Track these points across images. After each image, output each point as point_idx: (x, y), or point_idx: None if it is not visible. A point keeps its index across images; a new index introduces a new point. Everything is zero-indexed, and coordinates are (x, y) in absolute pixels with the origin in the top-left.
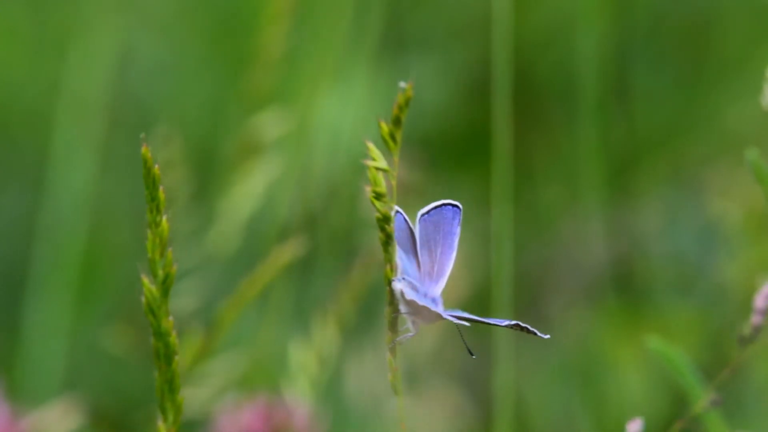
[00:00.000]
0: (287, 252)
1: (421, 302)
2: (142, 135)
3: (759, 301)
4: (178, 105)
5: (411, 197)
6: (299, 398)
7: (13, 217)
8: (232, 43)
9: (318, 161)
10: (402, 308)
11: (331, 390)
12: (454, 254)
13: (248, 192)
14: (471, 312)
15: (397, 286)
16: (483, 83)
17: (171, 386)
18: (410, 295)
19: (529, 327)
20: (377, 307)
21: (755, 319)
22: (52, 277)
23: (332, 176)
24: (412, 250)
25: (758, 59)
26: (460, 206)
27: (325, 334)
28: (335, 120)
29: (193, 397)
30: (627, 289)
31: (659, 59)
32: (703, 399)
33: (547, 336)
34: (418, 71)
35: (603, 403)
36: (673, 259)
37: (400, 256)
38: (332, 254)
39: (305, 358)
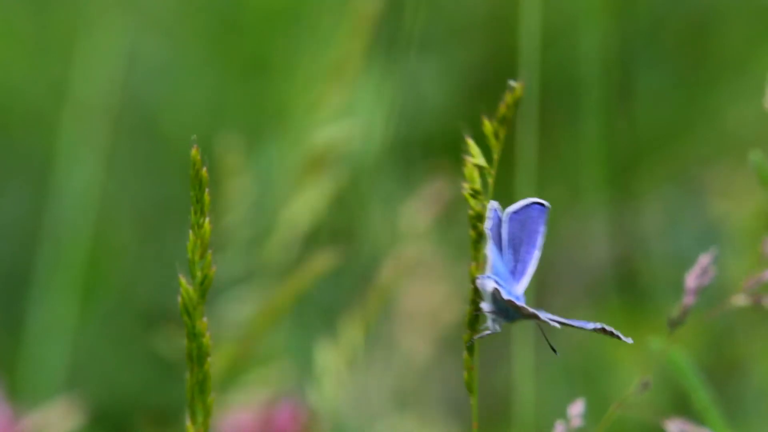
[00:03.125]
0: (320, 262)
1: (520, 302)
2: (194, 137)
3: (689, 281)
4: (179, 106)
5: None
6: (309, 401)
7: (17, 218)
8: (233, 43)
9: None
10: (485, 306)
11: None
12: (538, 253)
13: (304, 204)
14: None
15: (490, 284)
16: (485, 83)
17: (202, 387)
18: (504, 294)
19: (613, 330)
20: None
21: (686, 299)
22: (56, 277)
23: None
24: (500, 247)
25: (758, 59)
26: (547, 204)
27: (351, 338)
28: (341, 121)
29: (230, 403)
30: (628, 289)
31: (660, 60)
32: (634, 385)
33: (630, 340)
34: (419, 71)
35: (604, 403)
36: (675, 260)
37: (493, 253)
38: (355, 260)
39: (331, 361)
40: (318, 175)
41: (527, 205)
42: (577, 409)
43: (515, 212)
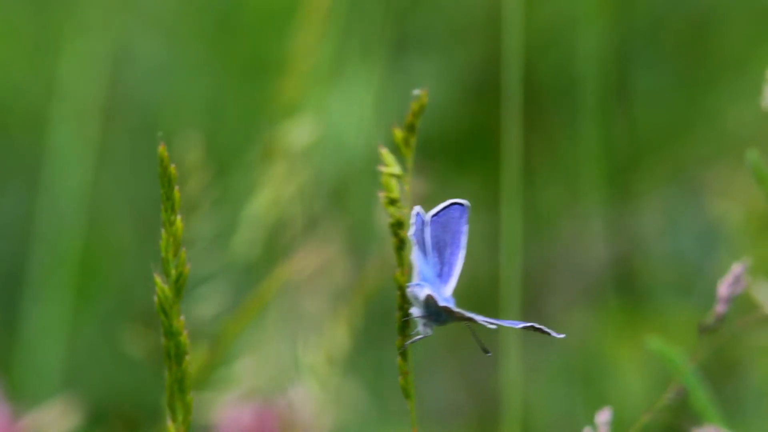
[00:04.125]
0: (298, 264)
1: (457, 309)
2: (160, 134)
3: (722, 290)
4: (178, 106)
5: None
6: (305, 399)
7: (13, 218)
8: (232, 43)
9: (324, 165)
10: (416, 311)
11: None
12: (463, 253)
13: (269, 198)
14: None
15: (423, 291)
16: (483, 84)
17: (181, 386)
18: (442, 302)
19: (543, 328)
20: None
21: (719, 308)
22: (51, 277)
23: (337, 180)
24: (425, 251)
25: (758, 59)
26: (467, 204)
27: (335, 337)
28: (339, 123)
29: (205, 401)
30: (627, 290)
31: (659, 60)
32: (666, 394)
33: (562, 335)
34: (418, 72)
35: (604, 403)
36: (674, 260)
37: (419, 259)
38: (342, 259)
39: (315, 360)
40: (281, 169)
41: (447, 207)
42: (604, 416)
43: (436, 215)
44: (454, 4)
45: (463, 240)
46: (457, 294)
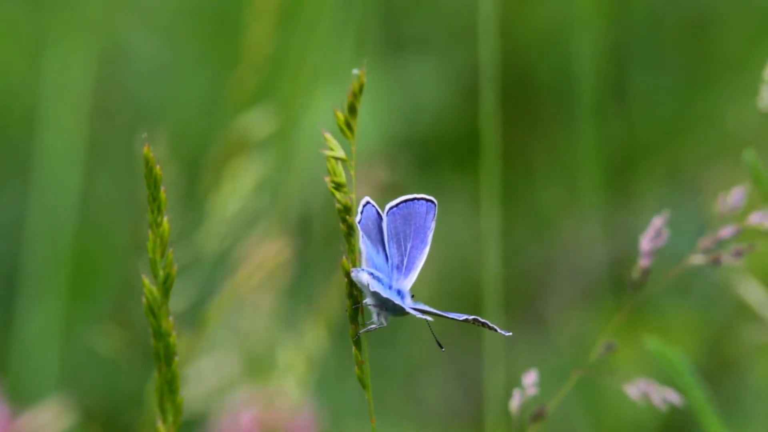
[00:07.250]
0: (272, 254)
1: (385, 294)
2: (144, 135)
3: (644, 244)
4: (174, 104)
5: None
6: (293, 398)
7: (11, 219)
8: (228, 42)
9: (310, 161)
10: (368, 300)
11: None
12: (426, 249)
13: (236, 192)
14: (462, 308)
15: (363, 277)
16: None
17: (171, 387)
18: (374, 286)
19: (488, 323)
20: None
21: (642, 261)
22: (46, 277)
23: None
24: (381, 242)
25: (757, 60)
26: (435, 201)
27: (314, 334)
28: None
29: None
30: (625, 290)
31: (657, 60)
32: (598, 345)
33: (509, 333)
34: (416, 73)
35: (601, 404)
36: (671, 260)
37: (366, 246)
38: (321, 254)
39: (294, 357)
40: (241, 161)
41: (409, 200)
42: (531, 378)
43: (395, 207)
44: (451, 5)
45: (428, 237)
46: (452, 293)
